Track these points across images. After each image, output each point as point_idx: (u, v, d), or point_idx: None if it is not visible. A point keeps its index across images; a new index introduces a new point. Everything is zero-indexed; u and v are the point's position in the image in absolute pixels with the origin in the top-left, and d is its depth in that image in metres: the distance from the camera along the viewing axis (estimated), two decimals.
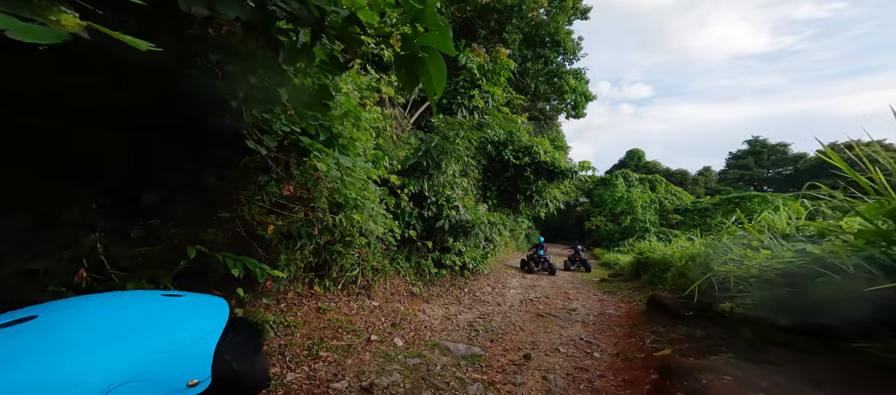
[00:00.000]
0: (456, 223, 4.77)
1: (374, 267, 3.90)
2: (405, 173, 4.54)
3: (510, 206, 8.06)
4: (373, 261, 3.71)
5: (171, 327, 0.61)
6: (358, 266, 3.64)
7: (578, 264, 12.05)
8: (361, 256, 3.56)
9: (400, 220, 4.66)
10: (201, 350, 0.60)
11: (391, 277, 4.43)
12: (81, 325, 0.55)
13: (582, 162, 6.86)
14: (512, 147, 7.37)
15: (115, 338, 0.54)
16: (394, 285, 4.54)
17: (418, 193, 4.75)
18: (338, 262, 3.31)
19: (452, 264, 5.75)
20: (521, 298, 6.71)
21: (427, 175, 4.51)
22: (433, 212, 4.86)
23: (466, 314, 4.91)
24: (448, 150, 4.35)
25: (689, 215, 21.00)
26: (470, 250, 6.66)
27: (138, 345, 0.55)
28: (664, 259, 6.54)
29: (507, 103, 6.91)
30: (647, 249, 8.23)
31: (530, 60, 17.10)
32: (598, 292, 8.24)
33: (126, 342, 0.54)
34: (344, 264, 3.45)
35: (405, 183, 4.26)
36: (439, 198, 4.95)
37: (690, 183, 39.67)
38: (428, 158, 4.44)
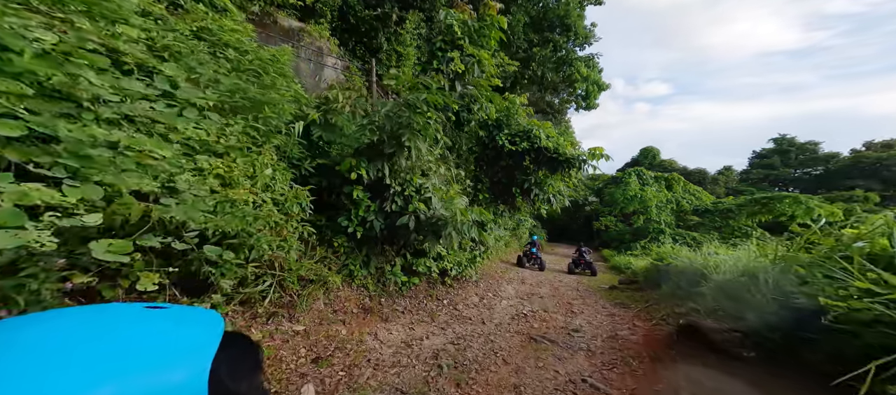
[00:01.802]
0: (426, 221, 3.69)
1: (303, 277, 2.86)
2: (360, 155, 3.45)
3: (506, 201, 6.90)
4: (297, 268, 2.67)
5: (157, 345, 0.55)
6: (272, 277, 2.57)
7: (584, 267, 10.84)
8: (276, 262, 2.48)
9: (352, 215, 3.58)
10: (193, 368, 0.53)
11: (337, 289, 3.37)
12: (48, 349, 0.46)
13: (592, 148, 5.66)
14: (507, 131, 6.20)
15: (92, 363, 0.47)
16: (340, 299, 3.48)
17: (377, 181, 3.67)
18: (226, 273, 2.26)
19: (428, 270, 4.65)
20: (513, 312, 5.55)
21: (386, 158, 3.42)
22: (399, 205, 3.78)
23: (436, 338, 3.80)
24: (411, 122, 3.25)
25: (708, 217, 19.35)
26: (453, 254, 5.53)
27: (119, 369, 0.47)
28: (694, 269, 5.27)
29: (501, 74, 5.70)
30: (669, 254, 6.95)
31: (537, 46, 15.75)
32: (607, 303, 7.01)
33: (104, 367, 0.47)
34: (244, 275, 2.38)
35: (353, 166, 3.18)
36: (406, 188, 3.86)
37: (709, 183, 37.46)
38: (383, 134, 3.35)
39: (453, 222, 3.50)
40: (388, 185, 3.66)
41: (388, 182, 3.61)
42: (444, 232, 3.53)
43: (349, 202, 3.53)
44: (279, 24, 9.74)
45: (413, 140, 3.28)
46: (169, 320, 0.62)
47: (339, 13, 10.09)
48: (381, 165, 3.44)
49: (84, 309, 0.61)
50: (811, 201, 16.89)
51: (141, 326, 0.58)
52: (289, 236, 2.28)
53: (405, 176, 3.84)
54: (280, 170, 2.35)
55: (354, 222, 3.54)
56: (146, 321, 0.60)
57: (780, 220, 17.74)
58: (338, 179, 3.37)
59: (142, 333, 0.56)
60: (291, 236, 2.29)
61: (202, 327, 0.62)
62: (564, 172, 5.86)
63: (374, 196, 3.79)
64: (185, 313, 0.67)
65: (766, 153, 41.66)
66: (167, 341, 0.57)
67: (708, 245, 5.98)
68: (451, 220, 3.49)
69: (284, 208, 2.22)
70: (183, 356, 0.55)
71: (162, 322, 0.61)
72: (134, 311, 0.64)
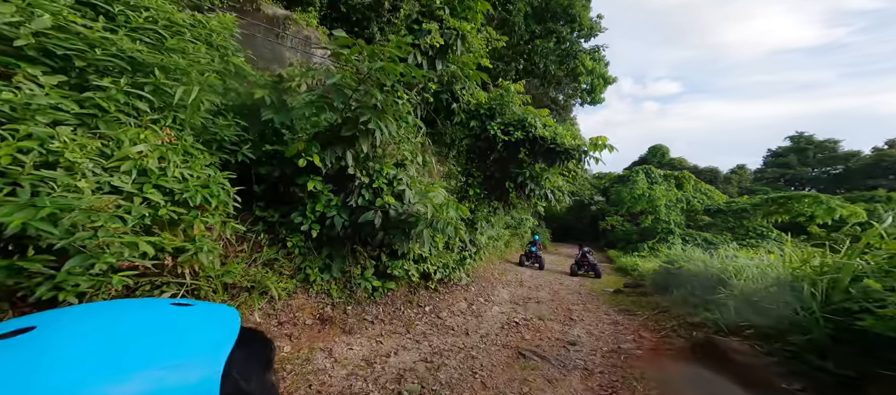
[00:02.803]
0: (397, 217, 3.16)
1: (235, 284, 2.33)
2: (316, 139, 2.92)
3: (500, 198, 6.33)
4: (219, 274, 2.13)
5: (179, 341, 0.57)
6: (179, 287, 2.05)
7: (587, 269, 10.26)
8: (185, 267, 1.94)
9: (308, 211, 3.07)
10: (209, 365, 0.54)
11: (287, 297, 2.86)
12: (81, 339, 0.50)
13: (594, 138, 5.06)
14: (500, 120, 5.62)
15: (119, 354, 0.50)
16: (291, 308, 2.97)
17: (340, 172, 3.16)
18: (65, 286, 1.70)
19: (405, 273, 4.12)
20: (504, 320, 4.99)
21: (346, 143, 2.90)
22: (366, 199, 3.26)
23: (406, 355, 3.27)
24: (374, 101, 2.70)
25: (721, 217, 18.44)
26: (437, 255, 4.99)
27: (143, 362, 0.50)
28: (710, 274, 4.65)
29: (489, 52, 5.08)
30: (680, 256, 6.31)
31: (539, 37, 15.08)
32: (610, 309, 6.40)
33: (130, 359, 0.49)
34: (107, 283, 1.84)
35: (303, 152, 2.65)
36: (376, 179, 3.34)
37: (722, 182, 36.15)
38: (338, 114, 2.82)
39: (425, 219, 2.96)
40: (353, 175, 3.15)
41: (352, 172, 3.10)
42: (415, 231, 3.00)
43: (305, 196, 3.03)
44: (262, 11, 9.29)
45: (377, 122, 2.76)
46: (191, 318, 0.63)
47: (329, 1, 9.62)
48: (341, 152, 2.93)
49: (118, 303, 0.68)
50: (832, 200, 15.91)
51: (164, 323, 0.59)
52: (198, 236, 1.79)
53: (374, 166, 3.32)
54: (176, 151, 1.85)
55: (310, 219, 3.03)
56: (171, 319, 0.61)
57: (799, 220, 16.82)
58: (291, 168, 2.88)
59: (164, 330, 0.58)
60: (202, 235, 1.80)
61: (220, 325, 0.63)
62: (563, 164, 5.28)
63: (337, 189, 3.28)
64: (207, 311, 0.68)
65: (782, 152, 40.04)
66: (187, 339, 0.58)
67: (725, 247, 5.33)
68: (423, 216, 2.95)
69: (192, 198, 1.73)
70: (200, 355, 0.55)
71: (185, 320, 0.62)
72: (161, 307, 0.65)
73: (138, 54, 1.88)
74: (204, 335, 0.59)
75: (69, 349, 0.47)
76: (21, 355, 0.45)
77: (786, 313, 2.39)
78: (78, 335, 0.50)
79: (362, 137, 2.83)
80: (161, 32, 2.12)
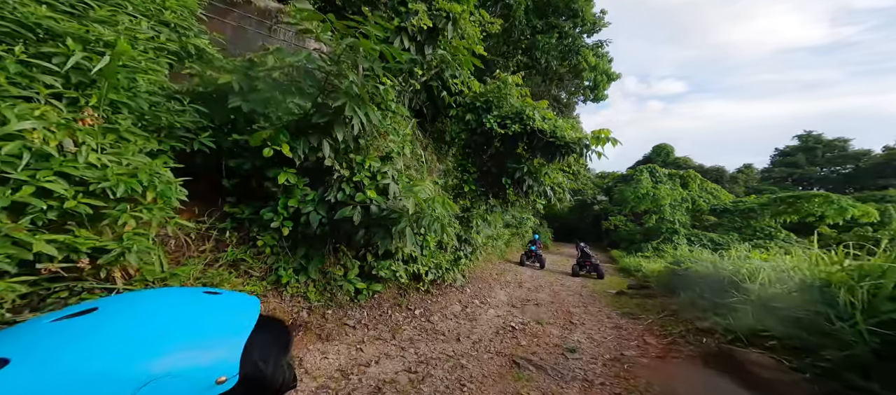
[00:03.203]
0: (379, 214, 2.88)
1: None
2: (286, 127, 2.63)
3: (498, 195, 6.04)
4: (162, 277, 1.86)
5: (207, 324, 0.64)
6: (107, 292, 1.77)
7: (589, 269, 9.94)
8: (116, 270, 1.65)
9: (279, 207, 2.79)
10: (231, 347, 0.61)
11: (262, 299, 2.61)
12: (131, 320, 0.58)
13: (596, 131, 4.74)
14: (497, 112, 5.32)
15: (159, 333, 0.57)
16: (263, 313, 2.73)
17: (318, 164, 2.88)
18: None
19: (392, 274, 3.85)
20: (499, 325, 4.70)
21: (321, 132, 2.62)
22: (347, 194, 2.98)
23: (388, 364, 2.99)
24: (349, 86, 2.41)
25: (728, 217, 18.01)
26: (429, 254, 4.71)
27: (176, 341, 0.57)
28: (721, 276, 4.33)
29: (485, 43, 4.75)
30: (688, 256, 5.99)
31: (541, 32, 14.74)
32: (613, 312, 6.09)
33: (167, 338, 0.57)
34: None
35: (269, 140, 2.37)
36: (357, 171, 3.06)
37: (728, 181, 35.52)
38: (311, 99, 2.52)
39: (408, 216, 2.68)
40: (331, 167, 2.87)
41: (329, 164, 2.82)
42: (396, 228, 2.72)
43: (277, 190, 2.76)
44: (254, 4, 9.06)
45: (353, 108, 2.48)
46: (218, 304, 0.70)
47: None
48: (317, 142, 2.65)
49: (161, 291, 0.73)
50: (843, 200, 15.43)
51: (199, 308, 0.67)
52: (128, 234, 1.52)
53: (355, 158, 3.04)
54: (94, 134, 1.57)
55: (282, 216, 2.76)
56: (203, 304, 0.69)
57: (809, 221, 16.35)
58: (262, 160, 2.61)
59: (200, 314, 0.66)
60: (130, 234, 1.53)
61: (241, 311, 0.69)
62: (563, 159, 4.98)
63: (315, 183, 3.01)
64: (231, 299, 0.73)
65: (789, 151, 39.31)
66: (213, 322, 0.64)
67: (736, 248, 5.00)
68: (405, 213, 2.66)
69: (113, 188, 1.46)
70: (223, 338, 0.62)
71: (212, 306, 0.69)
72: (195, 294, 0.73)
73: (51, 22, 1.61)
74: (227, 320, 0.65)
75: (124, 328, 0.55)
76: (89, 331, 0.53)
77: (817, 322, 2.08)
78: (130, 316, 0.58)
79: (338, 125, 2.55)
80: (88, 1, 1.86)
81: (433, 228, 2.76)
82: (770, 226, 17.11)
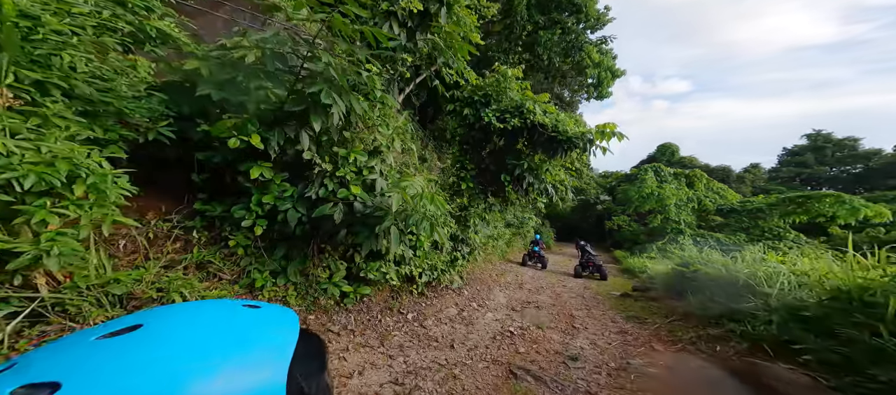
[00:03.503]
0: (363, 211, 2.64)
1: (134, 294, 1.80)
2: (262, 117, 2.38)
3: (497, 193, 5.78)
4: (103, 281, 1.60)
5: (251, 343, 0.61)
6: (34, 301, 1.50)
7: (592, 270, 9.68)
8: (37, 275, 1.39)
9: (252, 204, 2.55)
10: (277, 368, 0.59)
11: None
12: (178, 339, 0.56)
13: (601, 126, 4.45)
14: (495, 106, 5.05)
15: (206, 354, 0.55)
16: None
17: (298, 157, 2.63)
18: None
19: (382, 276, 3.61)
20: (497, 329, 4.45)
21: (298, 121, 2.37)
22: (329, 190, 2.73)
23: (373, 374, 2.74)
24: (328, 72, 2.14)
25: (735, 217, 17.61)
26: (423, 255, 4.46)
27: (224, 362, 0.55)
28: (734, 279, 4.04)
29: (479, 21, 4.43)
30: (697, 258, 5.70)
31: (543, 28, 14.43)
32: (617, 315, 5.81)
33: (214, 359, 0.55)
34: None
35: (235, 130, 2.12)
36: (341, 166, 2.81)
37: (734, 181, 34.94)
38: (283, 85, 2.26)
39: (393, 214, 2.42)
40: (311, 161, 2.63)
41: (309, 158, 2.58)
42: (381, 227, 2.47)
43: (251, 185, 2.51)
44: None
45: (332, 95, 2.22)
46: (260, 319, 0.67)
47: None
48: (294, 133, 2.41)
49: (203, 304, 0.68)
50: (856, 200, 14.98)
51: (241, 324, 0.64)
52: (48, 235, 1.29)
53: (339, 151, 2.80)
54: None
55: (255, 213, 2.53)
56: (245, 320, 0.66)
57: (819, 221, 15.92)
58: (235, 153, 2.37)
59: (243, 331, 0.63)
60: (52, 234, 1.29)
61: (284, 327, 0.67)
62: (566, 155, 4.70)
63: (295, 178, 2.77)
64: (272, 313, 0.71)
65: (798, 150, 38.58)
66: (260, 340, 0.62)
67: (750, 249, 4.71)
68: (389, 212, 2.41)
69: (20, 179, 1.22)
70: (270, 356, 0.59)
71: (256, 320, 0.66)
72: (235, 308, 0.69)
73: None
74: (270, 338, 0.63)
75: (171, 350, 0.53)
76: (137, 352, 0.51)
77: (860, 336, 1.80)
78: (176, 335, 0.56)
79: (315, 114, 2.31)
80: None
81: (422, 227, 2.51)
82: (779, 226, 16.70)
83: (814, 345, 2.08)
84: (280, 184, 2.59)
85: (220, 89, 2.35)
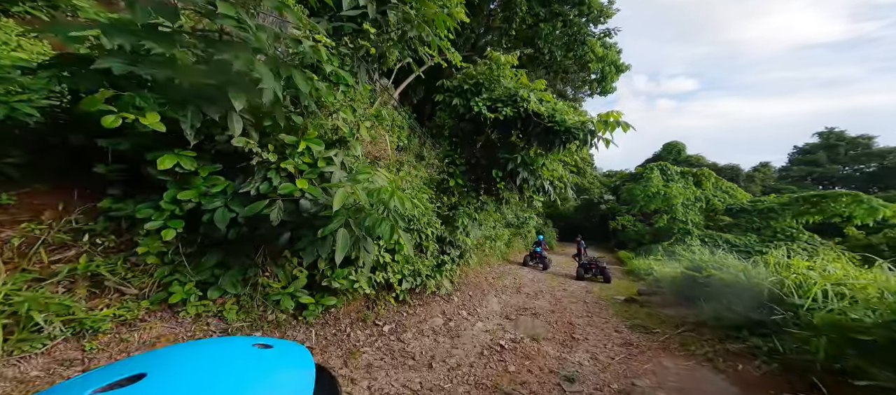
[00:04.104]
0: (310, 210, 2.17)
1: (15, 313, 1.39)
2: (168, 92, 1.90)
3: (488, 190, 5.30)
4: None
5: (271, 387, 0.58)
6: None
7: (595, 273, 9.16)
8: None
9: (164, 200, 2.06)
10: None
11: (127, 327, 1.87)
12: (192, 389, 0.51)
13: (604, 114, 3.94)
14: (486, 95, 4.56)
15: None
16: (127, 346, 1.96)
17: (235, 148, 2.17)
18: None
19: (350, 284, 3.15)
20: (486, 342, 3.97)
21: (217, 101, 1.89)
22: (275, 185, 2.27)
23: None
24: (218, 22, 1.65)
25: (745, 217, 16.94)
26: (402, 260, 4.00)
27: None
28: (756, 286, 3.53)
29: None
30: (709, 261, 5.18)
31: (543, 20, 13.91)
32: (622, 324, 5.31)
33: None
34: None
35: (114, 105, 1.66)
36: (291, 156, 2.36)
37: (743, 180, 34.02)
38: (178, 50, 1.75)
39: (342, 214, 1.94)
40: (249, 150, 2.17)
41: (239, 144, 2.10)
42: (325, 230, 1.98)
43: (168, 178, 2.03)
44: None
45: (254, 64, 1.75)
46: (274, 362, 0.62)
47: None
48: (219, 114, 1.94)
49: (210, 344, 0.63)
50: (874, 199, 14.23)
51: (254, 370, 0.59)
52: None
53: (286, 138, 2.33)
54: None
55: (166, 212, 2.10)
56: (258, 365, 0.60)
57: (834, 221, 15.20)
58: (148, 139, 1.92)
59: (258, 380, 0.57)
60: None
61: (301, 369, 0.63)
62: (564, 148, 4.22)
63: (232, 171, 2.32)
64: (285, 352, 0.66)
65: (809, 148, 37.50)
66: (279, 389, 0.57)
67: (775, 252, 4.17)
68: (337, 215, 1.92)
69: None
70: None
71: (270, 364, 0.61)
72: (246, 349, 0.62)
73: None
74: (287, 383, 0.59)
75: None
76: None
77: None
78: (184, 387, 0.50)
79: (235, 90, 1.83)
80: None
81: (380, 229, 2.04)
82: (791, 227, 16.00)
83: (891, 383, 1.57)
84: (208, 177, 2.13)
85: (131, 63, 1.90)
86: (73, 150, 2.22)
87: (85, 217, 2.04)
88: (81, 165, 2.11)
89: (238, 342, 0.67)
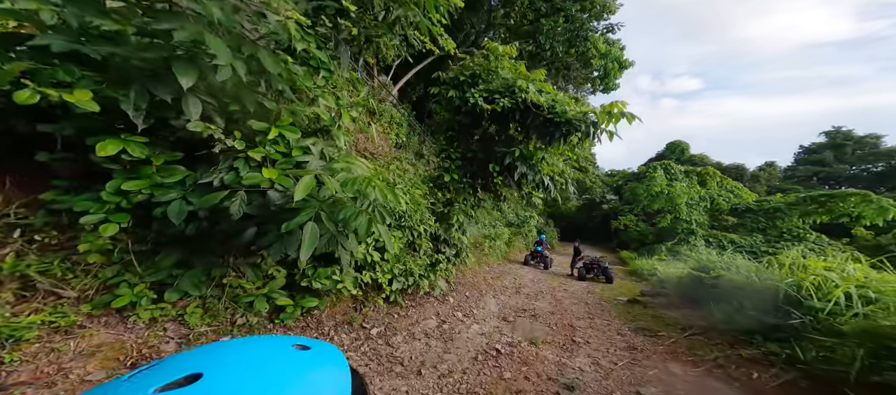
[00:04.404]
0: (277, 202, 1.95)
1: None
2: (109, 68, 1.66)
3: (485, 186, 5.06)
4: None
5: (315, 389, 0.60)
6: None
7: (597, 273, 8.91)
8: None
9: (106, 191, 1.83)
10: None
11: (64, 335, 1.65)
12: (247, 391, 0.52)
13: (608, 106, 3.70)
14: (483, 86, 4.33)
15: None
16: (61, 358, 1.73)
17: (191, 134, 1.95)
18: None
19: (332, 286, 2.92)
20: (481, 346, 3.74)
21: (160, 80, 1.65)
22: (241, 176, 2.05)
23: None
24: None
25: (750, 217, 16.60)
26: (392, 259, 3.77)
27: None
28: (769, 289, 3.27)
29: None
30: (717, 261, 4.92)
31: (545, 16, 13.63)
32: (625, 327, 5.06)
33: None
34: None
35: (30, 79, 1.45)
36: (261, 144, 2.14)
37: (749, 180, 33.57)
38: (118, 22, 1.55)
39: (310, 206, 1.72)
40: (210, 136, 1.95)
41: (196, 129, 1.86)
42: (289, 224, 1.76)
43: (115, 167, 1.80)
44: None
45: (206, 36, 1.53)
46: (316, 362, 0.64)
47: None
48: (170, 96, 1.71)
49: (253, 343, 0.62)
50: (884, 199, 13.87)
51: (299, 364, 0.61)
52: None
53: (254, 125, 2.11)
54: None
55: (109, 205, 1.84)
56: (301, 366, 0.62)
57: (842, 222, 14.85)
58: (91, 121, 1.70)
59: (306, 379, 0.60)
60: None
61: (338, 369, 0.64)
62: (565, 140, 3.97)
63: (193, 160, 2.09)
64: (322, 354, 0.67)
65: (816, 148, 36.94)
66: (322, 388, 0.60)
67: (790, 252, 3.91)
68: (307, 208, 1.71)
69: None
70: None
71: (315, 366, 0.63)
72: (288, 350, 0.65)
73: None
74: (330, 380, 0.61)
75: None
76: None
77: None
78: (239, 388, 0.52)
79: (181, 67, 1.59)
80: None
81: (356, 223, 1.81)
82: (798, 227, 15.66)
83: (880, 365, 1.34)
84: (162, 166, 1.91)
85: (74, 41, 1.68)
86: (20, 137, 2.00)
87: (25, 210, 1.83)
88: (25, 153, 1.89)
89: (279, 342, 0.68)
